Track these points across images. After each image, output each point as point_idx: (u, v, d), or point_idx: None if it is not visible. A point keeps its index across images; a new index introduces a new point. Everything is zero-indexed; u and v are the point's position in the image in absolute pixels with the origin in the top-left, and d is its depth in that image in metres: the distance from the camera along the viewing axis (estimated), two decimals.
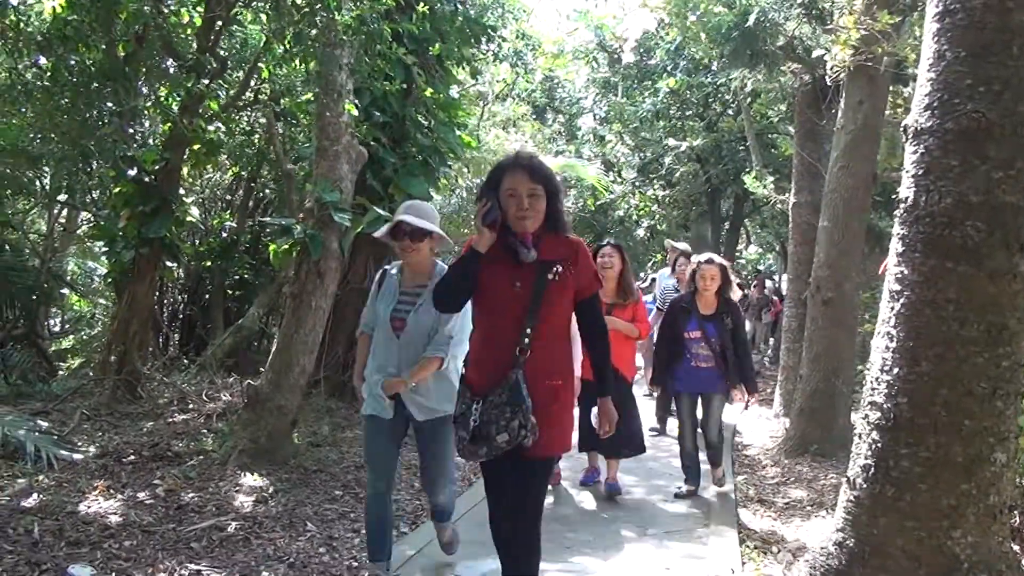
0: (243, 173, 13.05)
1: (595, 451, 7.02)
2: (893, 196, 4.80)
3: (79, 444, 7.12)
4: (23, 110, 8.59)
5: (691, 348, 6.70)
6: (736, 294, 7.08)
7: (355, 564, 4.98)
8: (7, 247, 10.75)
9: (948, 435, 3.88)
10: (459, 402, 3.64)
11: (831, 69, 8.40)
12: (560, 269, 3.50)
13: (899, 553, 4.00)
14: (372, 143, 8.56)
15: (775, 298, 20.72)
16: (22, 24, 7.39)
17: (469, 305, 3.76)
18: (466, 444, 3.53)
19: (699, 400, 6.83)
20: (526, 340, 3.45)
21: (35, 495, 5.66)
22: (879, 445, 4.08)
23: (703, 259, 6.95)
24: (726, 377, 6.65)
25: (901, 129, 4.37)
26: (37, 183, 11.04)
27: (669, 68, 19.28)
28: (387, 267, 4.74)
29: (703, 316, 6.70)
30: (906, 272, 4.06)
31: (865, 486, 4.14)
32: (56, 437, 7.00)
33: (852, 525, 4.21)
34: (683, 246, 11.03)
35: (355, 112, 7.55)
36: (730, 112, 19.49)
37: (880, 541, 4.07)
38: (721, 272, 6.75)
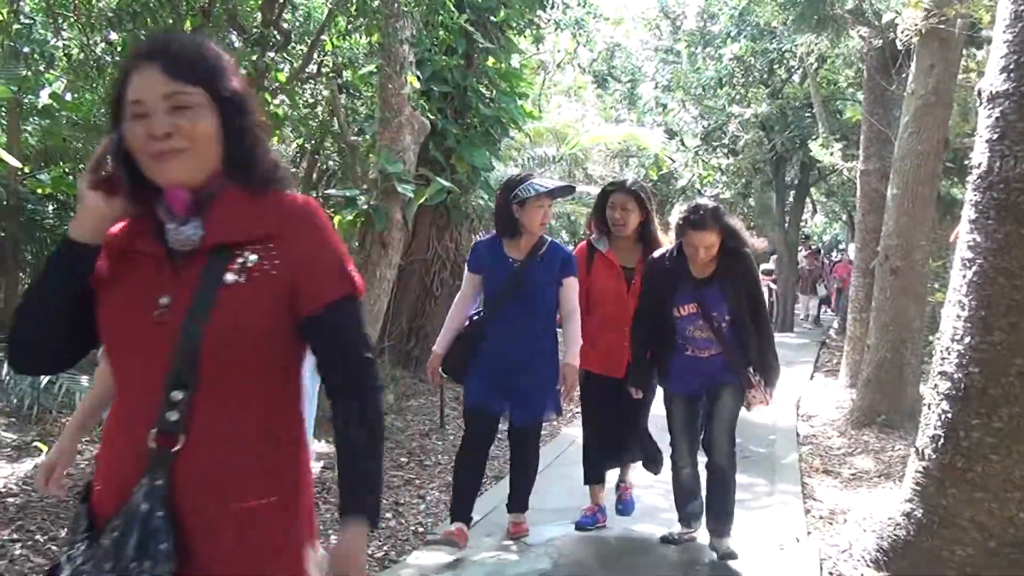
0: (307, 145, 13.18)
1: (600, 482, 5.23)
2: (965, 162, 4.70)
3: None
4: (95, 85, 8.78)
5: (684, 329, 4.57)
6: (758, 243, 5.19)
7: (420, 529, 5.07)
8: None
9: (1021, 405, 3.81)
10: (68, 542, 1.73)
11: (902, 32, 8.19)
12: (249, 262, 1.67)
13: (969, 525, 3.96)
14: (434, 114, 8.59)
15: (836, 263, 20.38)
16: (93, 1, 7.54)
17: None
18: None
19: (699, 403, 4.73)
20: (173, 417, 1.61)
21: None
22: (949, 415, 4.02)
23: (690, 211, 4.51)
24: (738, 367, 4.53)
25: (975, 93, 4.26)
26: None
27: (733, 34, 18.93)
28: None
29: (698, 281, 4.52)
30: (979, 239, 3.98)
31: (934, 457, 4.09)
32: None
33: (920, 496, 4.17)
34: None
35: (416, 84, 7.58)
36: (795, 78, 19.11)
37: (949, 512, 4.03)
38: (722, 229, 4.46)
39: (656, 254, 4.71)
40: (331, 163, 13.82)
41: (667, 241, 4.84)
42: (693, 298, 4.48)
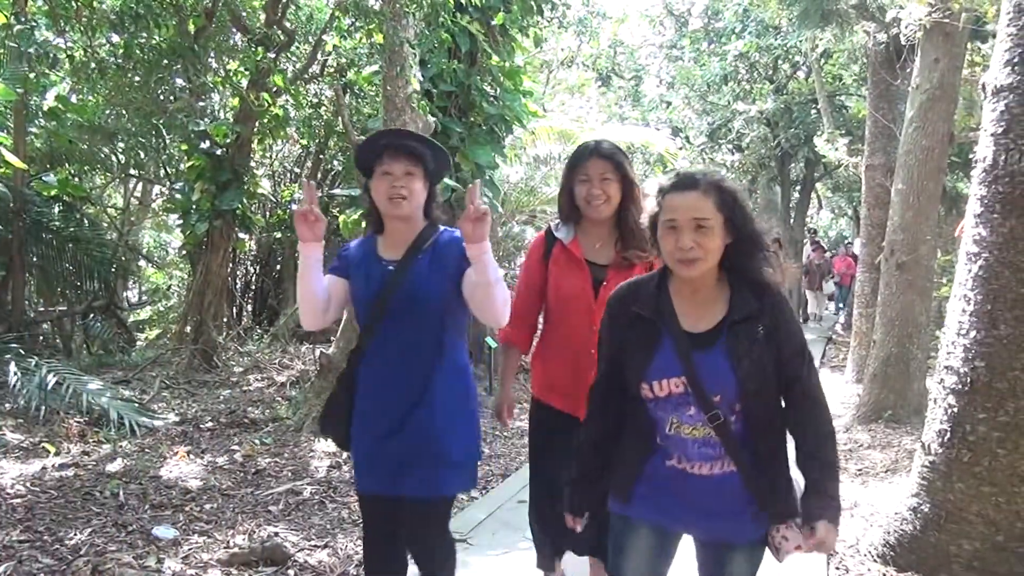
0: (311, 145, 13.20)
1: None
2: (970, 156, 4.68)
3: (159, 411, 7.35)
4: (98, 87, 8.82)
5: (663, 422, 2.47)
6: (789, 269, 2.69)
7: None
8: (86, 221, 11.05)
9: None
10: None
11: (906, 27, 8.16)
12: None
13: (976, 518, 3.95)
14: (438, 113, 8.59)
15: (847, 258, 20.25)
16: (96, 3, 7.56)
17: None
18: None
19: (675, 543, 2.66)
20: None
21: (119, 460, 5.87)
22: (955, 409, 4.02)
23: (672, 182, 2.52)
24: (765, 500, 2.45)
25: (980, 86, 4.25)
26: (113, 158, 11.31)
27: (737, 31, 18.94)
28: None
29: (692, 337, 2.44)
30: (984, 233, 3.97)
31: (941, 451, 4.09)
32: (137, 405, 7.22)
33: (927, 490, 4.16)
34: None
35: (416, 86, 7.58)
36: (800, 74, 19.09)
37: (956, 506, 4.02)
38: (724, 204, 2.44)
39: (627, 283, 2.63)
40: (335, 163, 13.85)
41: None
42: (678, 367, 2.38)
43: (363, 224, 7.46)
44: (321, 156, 13.75)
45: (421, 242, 3.08)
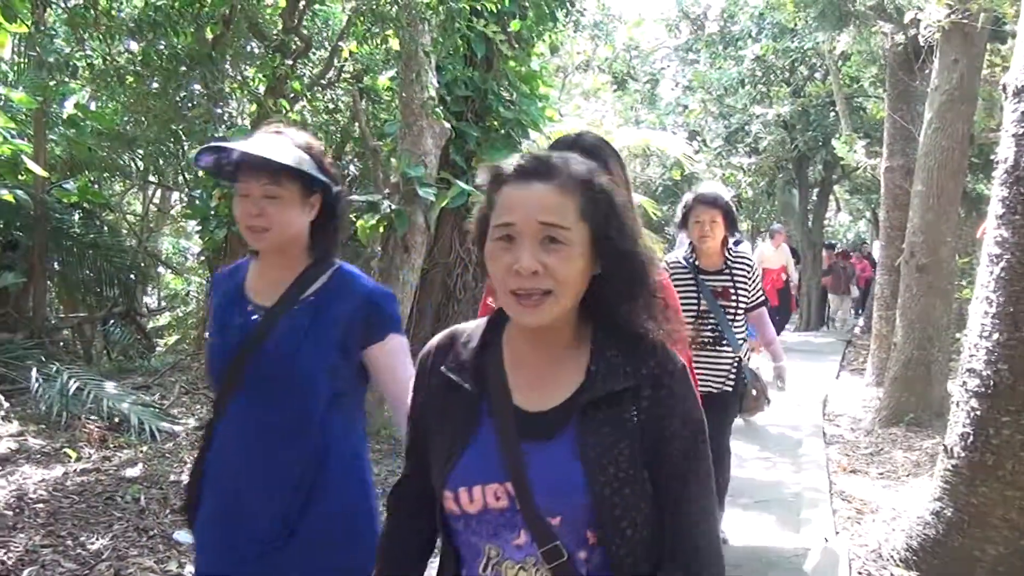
0: (328, 152, 13.25)
1: None
2: (991, 157, 4.65)
3: (179, 416, 7.38)
4: (117, 95, 8.87)
5: (476, 552, 1.57)
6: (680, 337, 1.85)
7: None
8: (106, 228, 11.12)
9: None
10: None
11: (924, 28, 8.12)
12: None
13: (1000, 523, 3.92)
14: (454, 119, 8.61)
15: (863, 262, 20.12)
16: (114, 11, 7.61)
17: None
18: None
19: None
20: None
21: (140, 465, 5.90)
22: (978, 413, 3.98)
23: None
24: None
25: (1000, 87, 4.22)
26: (132, 165, 11.39)
27: (754, 34, 18.89)
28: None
29: (529, 421, 1.58)
30: (1006, 235, 3.94)
31: (964, 454, 4.05)
32: (157, 410, 7.25)
33: (950, 494, 4.13)
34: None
35: (432, 92, 7.59)
36: (817, 76, 19.01)
37: (979, 511, 3.98)
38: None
39: (448, 331, 1.76)
40: (352, 168, 13.89)
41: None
42: (500, 468, 1.54)
43: (379, 230, 7.48)
44: (338, 162, 13.80)
45: (301, 287, 2.29)
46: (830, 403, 9.74)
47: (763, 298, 4.90)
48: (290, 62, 8.44)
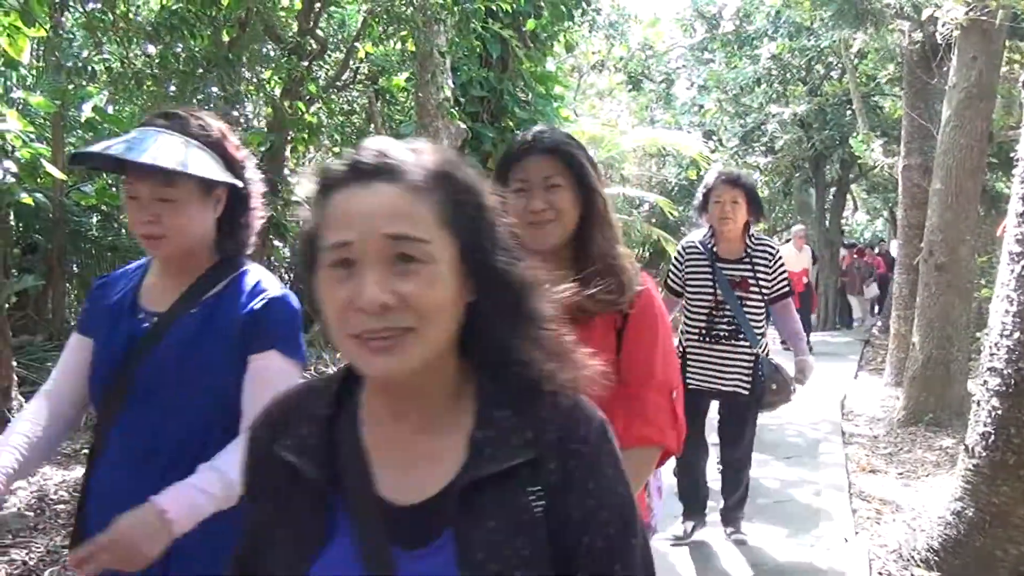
0: (343, 153, 13.30)
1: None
2: (1011, 155, 4.62)
3: None
4: (134, 98, 8.92)
5: None
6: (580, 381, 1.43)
7: None
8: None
9: None
10: None
11: (942, 25, 8.07)
12: None
13: (1021, 522, 3.89)
14: (469, 119, 8.62)
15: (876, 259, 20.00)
16: (131, 15, 7.66)
17: None
18: None
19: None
20: None
21: None
22: (999, 412, 3.95)
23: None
24: None
25: (1020, 84, 4.19)
26: None
27: (770, 32, 18.83)
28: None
29: (398, 518, 1.18)
30: None
31: (985, 454, 4.02)
32: None
33: (971, 494, 4.10)
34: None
35: (448, 92, 7.60)
36: (834, 74, 18.93)
37: (1001, 510, 3.95)
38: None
39: (291, 390, 1.36)
40: None
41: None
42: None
43: None
44: None
45: (201, 290, 2.02)
46: (848, 403, 9.70)
47: (787, 288, 4.64)
48: (306, 64, 8.47)
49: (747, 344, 4.40)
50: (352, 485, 1.14)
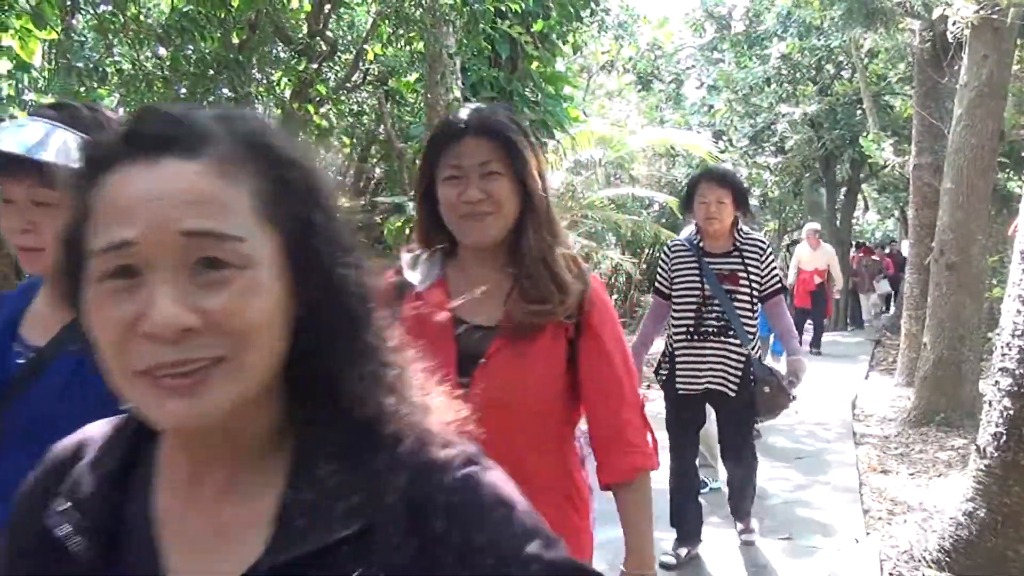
0: (354, 154, 13.31)
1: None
2: (1022, 154, 4.59)
3: None
4: (146, 99, 8.96)
5: None
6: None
7: None
8: None
9: None
10: None
11: (953, 24, 8.04)
12: None
13: None
14: None
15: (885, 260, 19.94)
16: (142, 17, 7.68)
17: None
18: None
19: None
20: None
21: None
22: (1011, 412, 3.94)
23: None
24: None
25: None
26: None
27: (780, 32, 18.80)
28: None
29: None
30: None
31: (996, 454, 4.01)
32: None
33: (983, 494, 4.09)
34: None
35: (458, 93, 7.61)
36: (844, 74, 18.89)
37: (1013, 511, 3.94)
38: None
39: (43, 463, 0.98)
40: (378, 170, 13.96)
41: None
42: None
43: (406, 232, 7.50)
44: (364, 164, 13.85)
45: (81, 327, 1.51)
46: (860, 403, 9.68)
47: (779, 285, 4.46)
48: (315, 65, 8.49)
49: (737, 342, 4.22)
50: (136, 570, 0.83)
